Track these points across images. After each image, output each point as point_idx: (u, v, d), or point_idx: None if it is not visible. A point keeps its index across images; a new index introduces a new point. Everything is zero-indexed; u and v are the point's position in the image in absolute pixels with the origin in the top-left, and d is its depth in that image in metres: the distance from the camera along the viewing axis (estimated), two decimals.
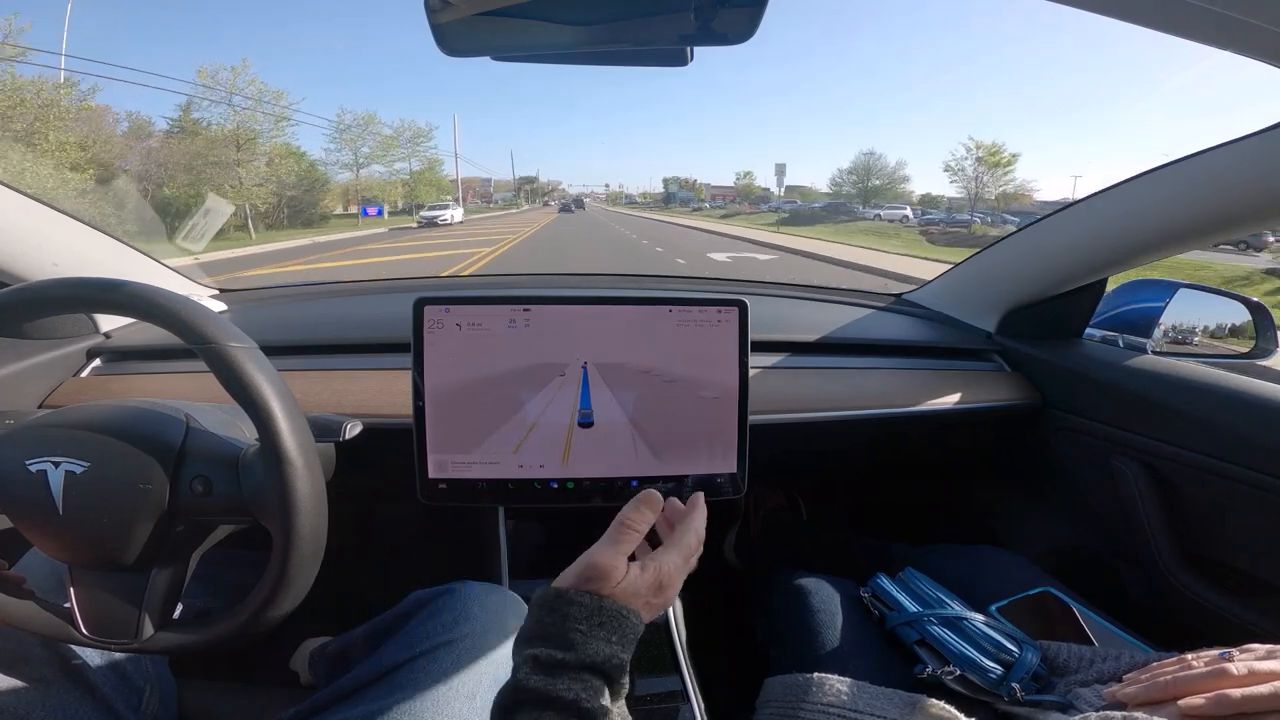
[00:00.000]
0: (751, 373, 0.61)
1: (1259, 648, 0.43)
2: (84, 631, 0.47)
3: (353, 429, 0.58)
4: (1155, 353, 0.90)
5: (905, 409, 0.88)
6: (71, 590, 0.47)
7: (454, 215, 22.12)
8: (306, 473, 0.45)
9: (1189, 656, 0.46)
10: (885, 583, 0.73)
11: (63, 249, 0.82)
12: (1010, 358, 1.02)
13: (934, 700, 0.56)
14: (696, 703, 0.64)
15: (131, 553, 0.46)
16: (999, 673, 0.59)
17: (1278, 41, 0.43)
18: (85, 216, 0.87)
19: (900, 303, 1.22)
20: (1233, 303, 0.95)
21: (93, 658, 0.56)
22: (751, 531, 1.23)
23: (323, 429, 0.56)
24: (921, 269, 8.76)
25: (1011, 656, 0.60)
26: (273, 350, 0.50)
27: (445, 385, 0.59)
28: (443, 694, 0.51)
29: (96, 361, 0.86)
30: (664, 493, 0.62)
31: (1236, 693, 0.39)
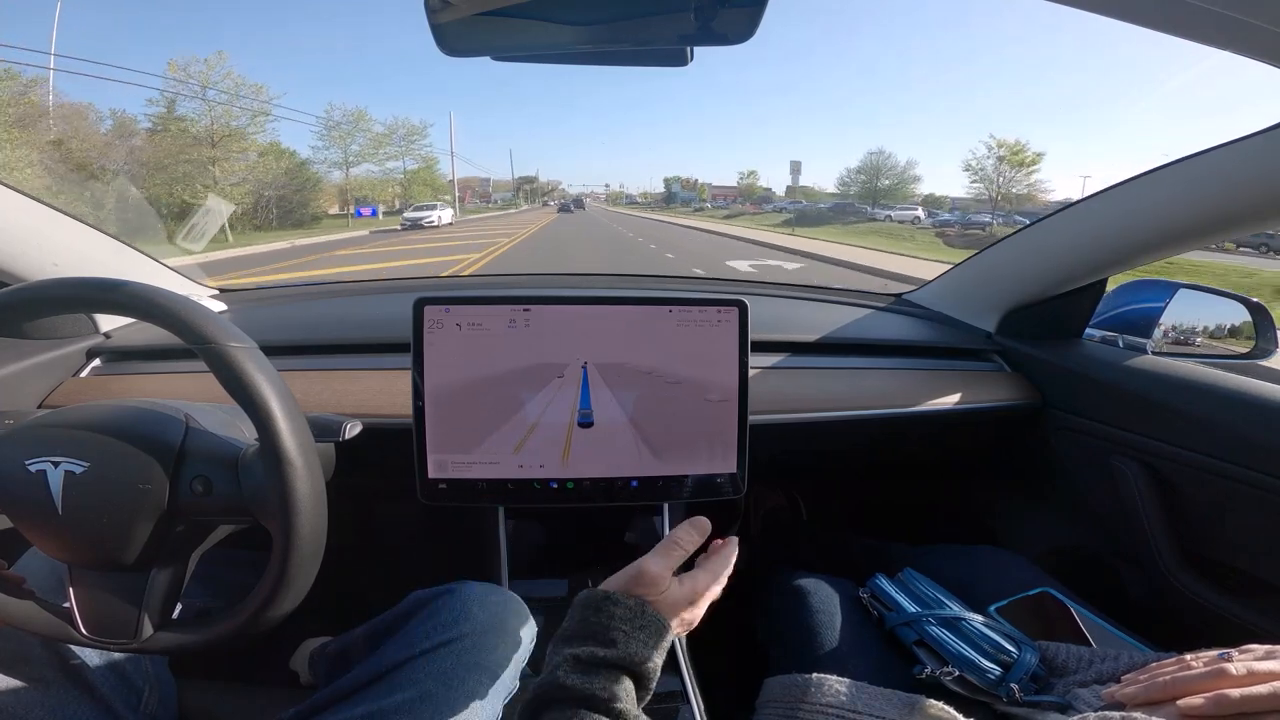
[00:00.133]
0: (751, 373, 0.61)
1: (1258, 648, 0.43)
2: (84, 631, 0.47)
3: (353, 429, 0.58)
4: (1155, 353, 0.90)
5: (905, 409, 0.88)
6: (71, 590, 0.47)
7: (442, 216, 20.75)
8: (306, 473, 0.45)
9: (1188, 657, 0.46)
10: (884, 583, 0.73)
11: (63, 249, 0.82)
12: (1010, 358, 1.02)
13: (933, 701, 0.56)
14: (696, 703, 0.64)
15: (131, 553, 0.46)
16: (998, 673, 0.59)
17: (1278, 41, 0.43)
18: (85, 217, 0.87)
19: (900, 303, 1.22)
20: (1232, 303, 0.95)
21: (92, 658, 0.56)
22: (751, 531, 1.23)
23: (323, 429, 0.56)
24: None
25: (1010, 657, 0.60)
26: (273, 350, 0.50)
27: (445, 385, 0.59)
28: (442, 694, 0.51)
29: (96, 361, 0.86)
30: (664, 493, 0.62)
31: (1235, 693, 0.39)
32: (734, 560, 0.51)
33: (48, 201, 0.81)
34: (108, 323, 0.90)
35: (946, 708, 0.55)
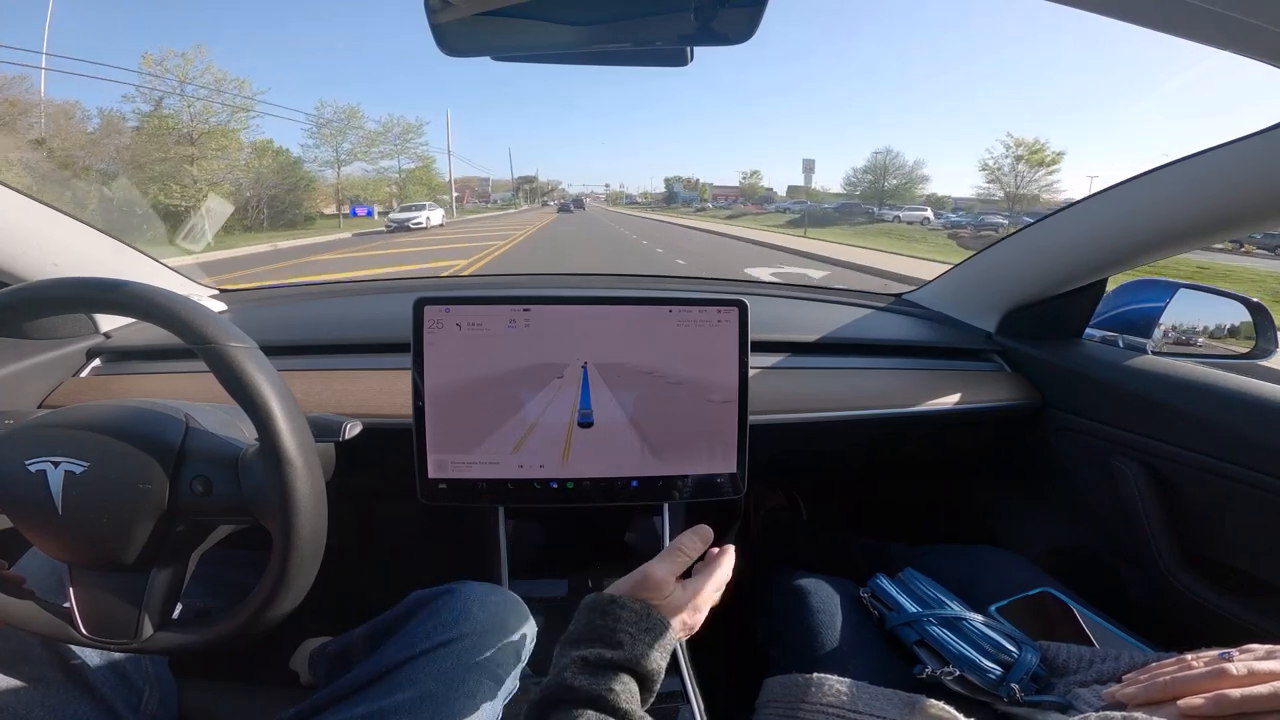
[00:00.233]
0: (751, 373, 0.61)
1: (1259, 648, 0.43)
2: (84, 631, 0.47)
3: (353, 429, 0.58)
4: (1155, 353, 0.90)
5: (905, 409, 0.88)
6: (71, 590, 0.47)
7: (431, 217, 19.29)
8: (306, 473, 0.45)
9: (1188, 657, 0.46)
10: (885, 583, 0.73)
11: (63, 249, 0.82)
12: (1010, 358, 1.02)
13: (933, 700, 0.56)
14: (696, 703, 0.64)
15: (131, 553, 0.46)
16: (998, 673, 0.59)
17: (1278, 41, 0.43)
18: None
19: (900, 303, 1.22)
20: (1232, 303, 0.95)
21: (92, 657, 0.56)
22: (751, 531, 1.23)
23: (323, 429, 0.56)
24: None
25: (1011, 657, 0.60)
26: (273, 350, 0.50)
27: (445, 385, 0.59)
28: (442, 694, 0.51)
29: (96, 361, 0.86)
30: (664, 493, 0.62)
31: (1236, 693, 0.39)
32: (732, 566, 0.52)
33: (48, 201, 0.81)
34: (108, 323, 0.90)
35: (947, 708, 0.55)
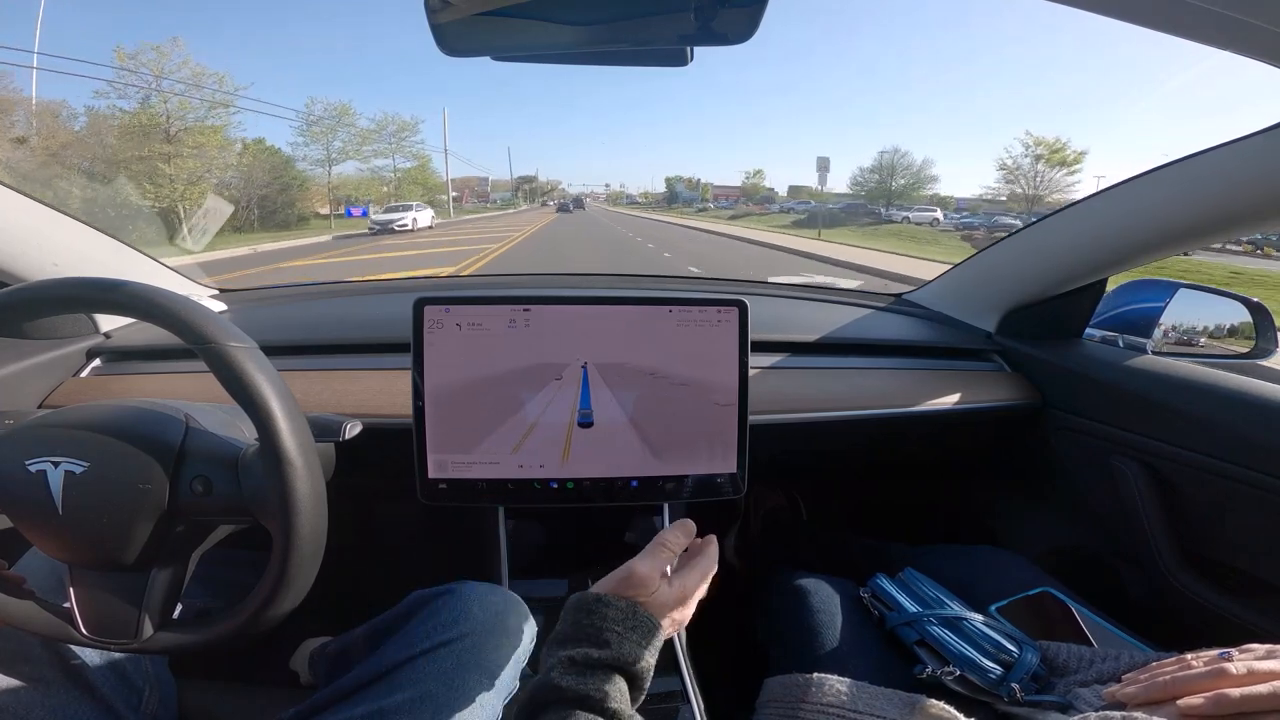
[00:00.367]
0: (751, 373, 0.61)
1: (1258, 648, 0.43)
2: (84, 631, 0.47)
3: (353, 429, 0.58)
4: (1155, 353, 0.90)
5: (905, 409, 0.88)
6: (71, 590, 0.47)
7: (418, 218, 18.11)
8: (306, 473, 0.45)
9: (1188, 656, 0.46)
10: (885, 583, 0.73)
11: (63, 249, 0.82)
12: (1010, 358, 1.02)
13: (933, 700, 0.56)
14: (696, 703, 0.64)
15: (131, 553, 0.46)
16: (998, 673, 0.59)
17: (1278, 41, 0.43)
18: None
19: (900, 303, 1.22)
20: (1232, 303, 0.95)
21: (92, 657, 0.56)
22: (751, 531, 1.23)
23: (323, 429, 0.56)
24: None
25: (1011, 657, 0.60)
26: (273, 350, 0.50)
27: (445, 385, 0.59)
28: (443, 694, 0.51)
29: (96, 361, 0.86)
30: (664, 493, 0.62)
31: (1235, 692, 0.39)
32: (717, 558, 0.51)
33: (48, 201, 0.81)
34: (108, 323, 0.90)
35: (947, 707, 0.55)
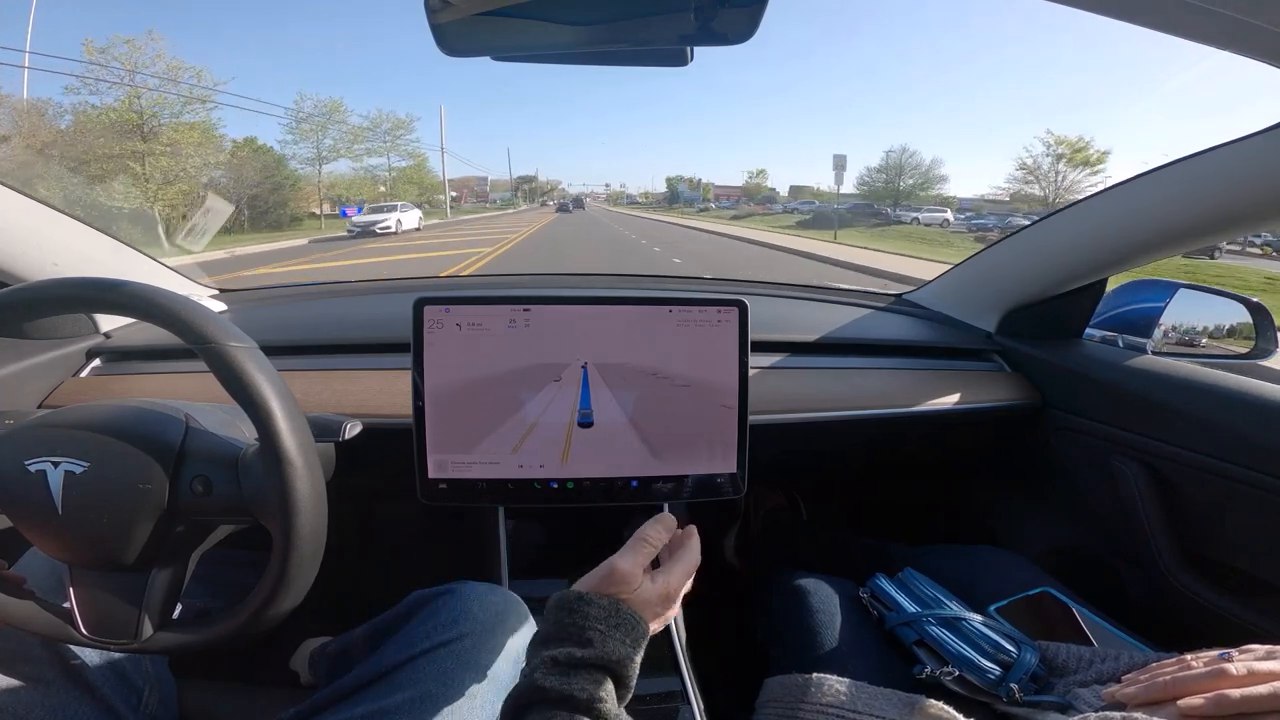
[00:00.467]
0: (751, 373, 0.61)
1: (1258, 648, 0.43)
2: (84, 631, 0.47)
3: (353, 429, 0.58)
4: (1155, 353, 0.90)
5: (905, 409, 0.88)
6: (71, 590, 0.47)
7: (403, 220, 16.97)
8: (306, 473, 0.45)
9: (1188, 657, 0.46)
10: (884, 583, 0.73)
11: (63, 249, 0.82)
12: (1010, 358, 1.02)
13: (933, 701, 0.56)
14: (696, 703, 0.64)
15: (131, 553, 0.46)
16: (998, 673, 0.59)
17: (1278, 41, 0.43)
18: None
19: (900, 303, 1.22)
20: (1232, 303, 0.95)
21: (92, 657, 0.56)
22: (751, 531, 1.23)
23: (323, 429, 0.56)
24: None
25: (1010, 657, 0.60)
26: (273, 350, 0.50)
27: (445, 385, 0.59)
28: (443, 694, 0.51)
29: (96, 361, 0.86)
30: (664, 493, 0.62)
31: (1235, 693, 0.39)
32: (699, 552, 0.51)
33: (48, 201, 0.81)
34: (108, 323, 0.90)
35: (946, 708, 0.55)
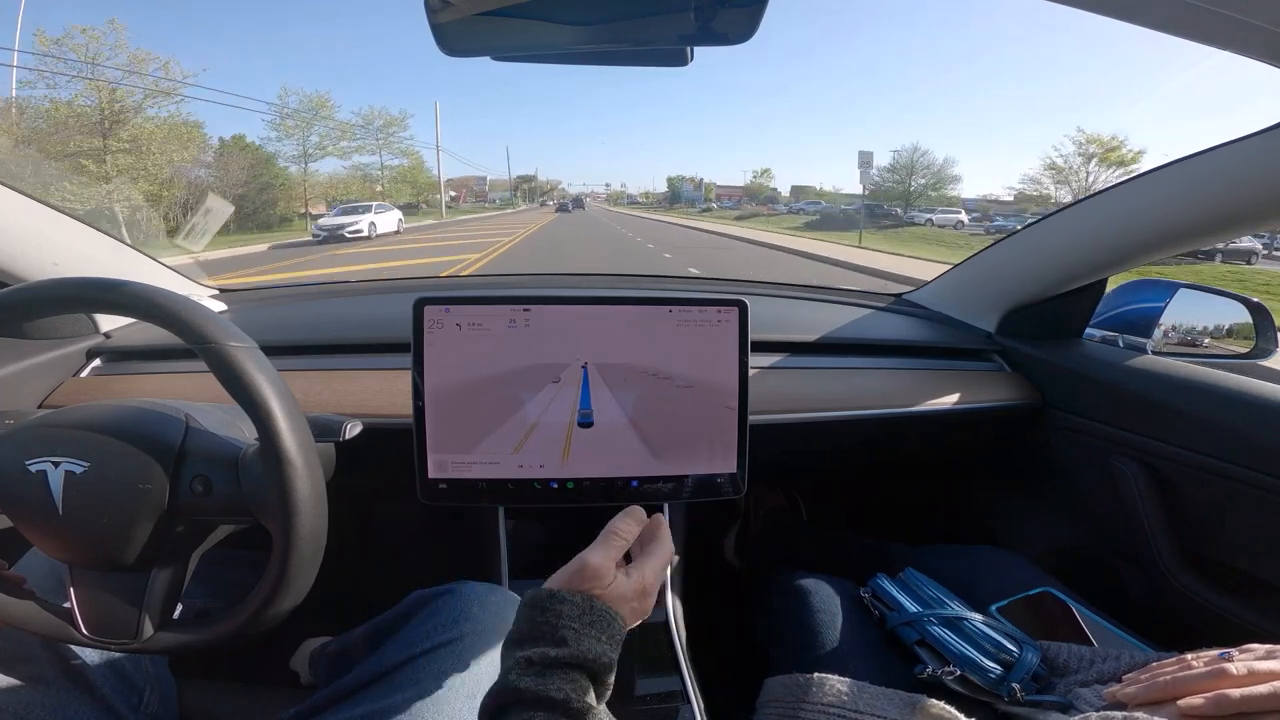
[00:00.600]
0: (751, 373, 0.61)
1: (1259, 648, 0.43)
2: (84, 631, 0.47)
3: (353, 429, 0.58)
4: (1155, 353, 0.90)
5: (905, 409, 0.88)
6: (71, 590, 0.47)
7: (377, 222, 14.98)
8: (306, 473, 0.45)
9: (1189, 657, 0.46)
10: (885, 583, 0.73)
11: (63, 249, 0.82)
12: (1010, 358, 1.02)
13: (934, 700, 0.56)
14: (696, 703, 0.64)
15: (131, 553, 0.46)
16: (999, 673, 0.59)
17: (1278, 41, 0.44)
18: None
19: (900, 303, 1.22)
20: (1232, 303, 0.95)
21: (92, 657, 0.56)
22: (751, 531, 1.23)
23: (323, 429, 0.56)
24: None
25: (1011, 656, 0.60)
26: (273, 350, 0.50)
27: (445, 385, 0.59)
28: (443, 694, 0.51)
29: (96, 361, 0.86)
30: (664, 493, 0.62)
31: (1236, 693, 0.39)
32: (671, 542, 0.50)
33: (48, 201, 0.81)
34: (108, 323, 0.90)
35: (948, 707, 0.55)
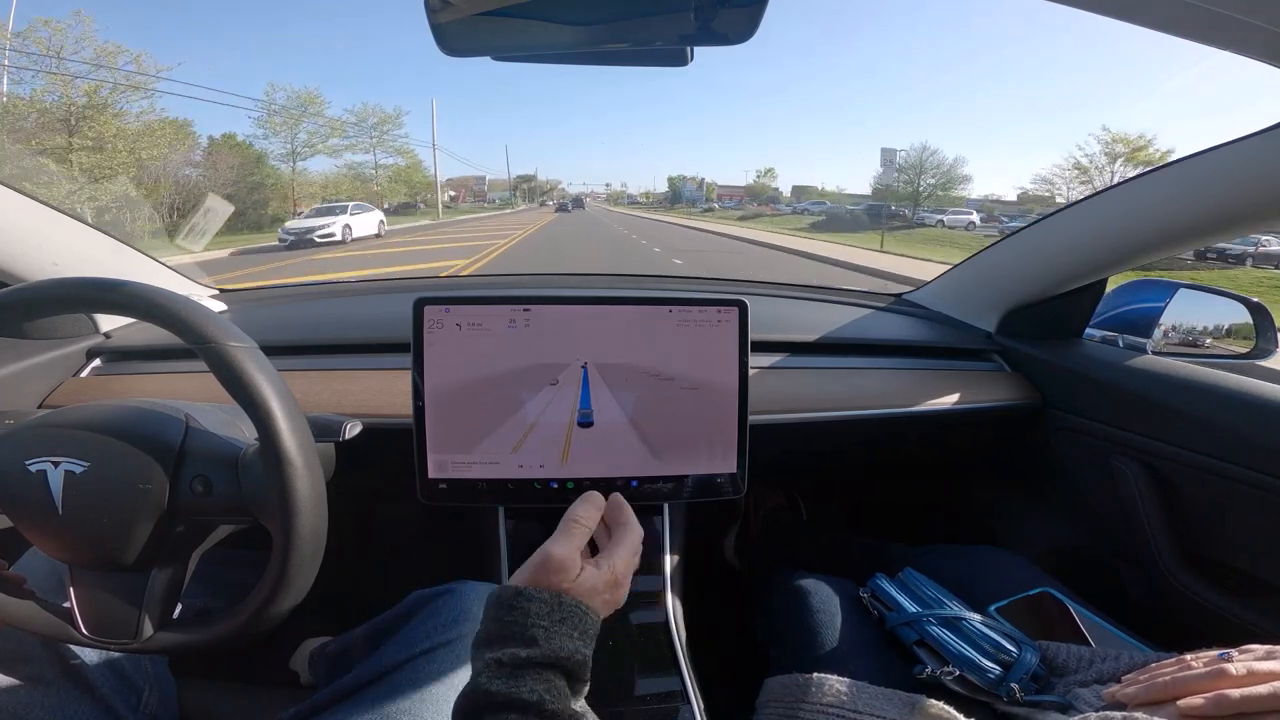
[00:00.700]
0: (751, 373, 0.61)
1: (1258, 648, 0.43)
2: (84, 631, 0.47)
3: (353, 429, 0.58)
4: (1155, 353, 0.90)
5: (905, 409, 0.88)
6: (71, 590, 0.47)
7: (352, 225, 13.41)
8: (306, 473, 0.45)
9: (1188, 657, 0.46)
10: (885, 583, 0.73)
11: (63, 249, 0.82)
12: (1010, 358, 1.02)
13: (933, 700, 0.56)
14: (696, 703, 0.64)
15: (131, 553, 0.46)
16: (998, 673, 0.59)
17: (1278, 41, 0.43)
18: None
19: (900, 303, 1.22)
20: (1232, 303, 0.95)
21: (92, 657, 0.56)
22: (751, 531, 1.23)
23: (323, 429, 0.56)
24: None
25: (1011, 657, 0.60)
26: (273, 350, 0.50)
27: (445, 385, 0.59)
28: (443, 694, 0.51)
29: (96, 361, 0.86)
30: (664, 493, 0.62)
31: (1235, 693, 0.39)
32: (640, 528, 0.49)
33: (48, 201, 0.81)
34: (108, 323, 0.90)
35: (947, 707, 0.55)
